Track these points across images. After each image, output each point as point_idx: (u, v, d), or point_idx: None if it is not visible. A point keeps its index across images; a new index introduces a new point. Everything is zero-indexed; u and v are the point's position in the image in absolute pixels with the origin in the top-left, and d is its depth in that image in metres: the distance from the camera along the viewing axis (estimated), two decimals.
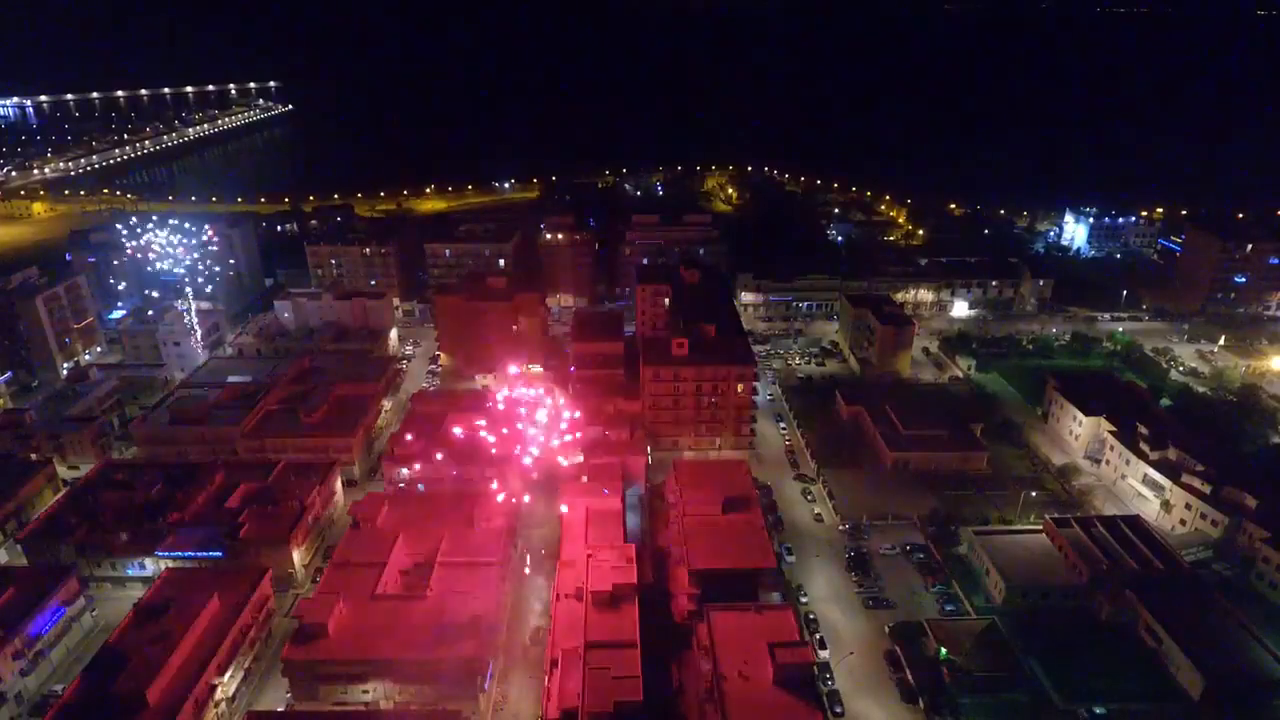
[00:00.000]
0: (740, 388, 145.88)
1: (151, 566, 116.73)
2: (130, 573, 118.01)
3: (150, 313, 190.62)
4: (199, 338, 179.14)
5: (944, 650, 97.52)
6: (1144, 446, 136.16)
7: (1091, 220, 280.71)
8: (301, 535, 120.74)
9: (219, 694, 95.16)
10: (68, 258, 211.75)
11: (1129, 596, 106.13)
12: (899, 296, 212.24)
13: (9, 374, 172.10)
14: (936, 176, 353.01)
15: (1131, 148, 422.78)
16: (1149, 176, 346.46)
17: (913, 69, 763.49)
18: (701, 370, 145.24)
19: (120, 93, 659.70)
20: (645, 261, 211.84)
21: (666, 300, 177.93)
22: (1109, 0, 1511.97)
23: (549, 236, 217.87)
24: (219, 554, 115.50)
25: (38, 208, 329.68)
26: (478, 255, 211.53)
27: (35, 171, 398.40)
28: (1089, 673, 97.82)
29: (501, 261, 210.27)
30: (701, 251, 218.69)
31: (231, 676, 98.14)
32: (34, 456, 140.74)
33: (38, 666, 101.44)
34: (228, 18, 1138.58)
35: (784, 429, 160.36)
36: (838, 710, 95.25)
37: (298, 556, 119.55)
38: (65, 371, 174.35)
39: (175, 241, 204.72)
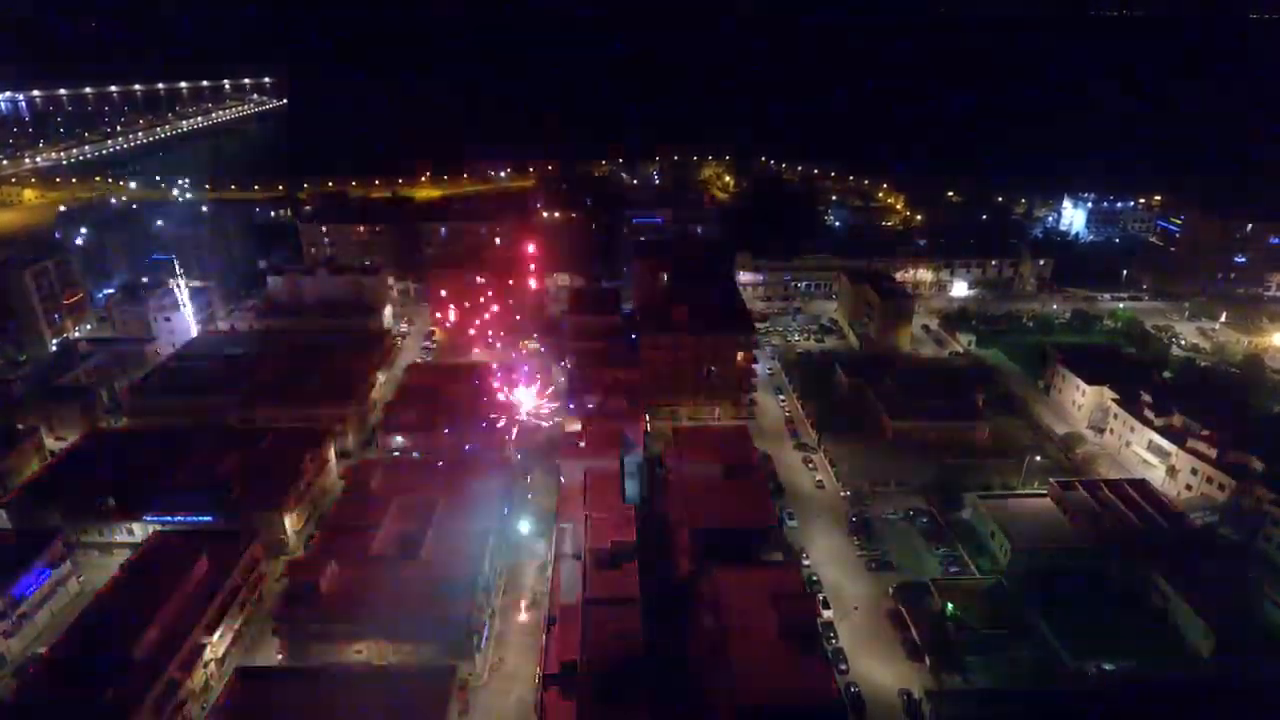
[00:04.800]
0: (740, 356, 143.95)
1: (140, 532, 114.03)
2: (118, 538, 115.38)
3: (142, 285, 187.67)
4: (190, 313, 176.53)
5: (950, 606, 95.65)
6: (1148, 413, 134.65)
7: (1090, 205, 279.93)
8: (294, 501, 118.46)
9: (208, 654, 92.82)
10: (57, 235, 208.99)
11: (1137, 557, 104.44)
12: (898, 276, 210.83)
13: None
14: (934, 164, 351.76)
15: (1130, 140, 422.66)
16: (1147, 166, 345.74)
17: (908, 65, 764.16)
18: (700, 339, 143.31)
19: (114, 88, 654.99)
20: (643, 239, 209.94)
21: (665, 276, 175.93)
22: (1104, 4, 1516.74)
23: (546, 216, 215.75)
24: (209, 518, 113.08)
25: (28, 194, 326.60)
26: (473, 233, 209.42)
27: (27, 160, 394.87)
28: (1097, 632, 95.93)
29: (498, 240, 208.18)
30: (700, 231, 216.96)
31: (221, 637, 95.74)
32: (20, 426, 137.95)
33: (22, 629, 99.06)
34: (224, 11, 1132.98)
35: (783, 401, 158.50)
36: (842, 668, 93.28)
37: (290, 522, 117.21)
38: (54, 346, 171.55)
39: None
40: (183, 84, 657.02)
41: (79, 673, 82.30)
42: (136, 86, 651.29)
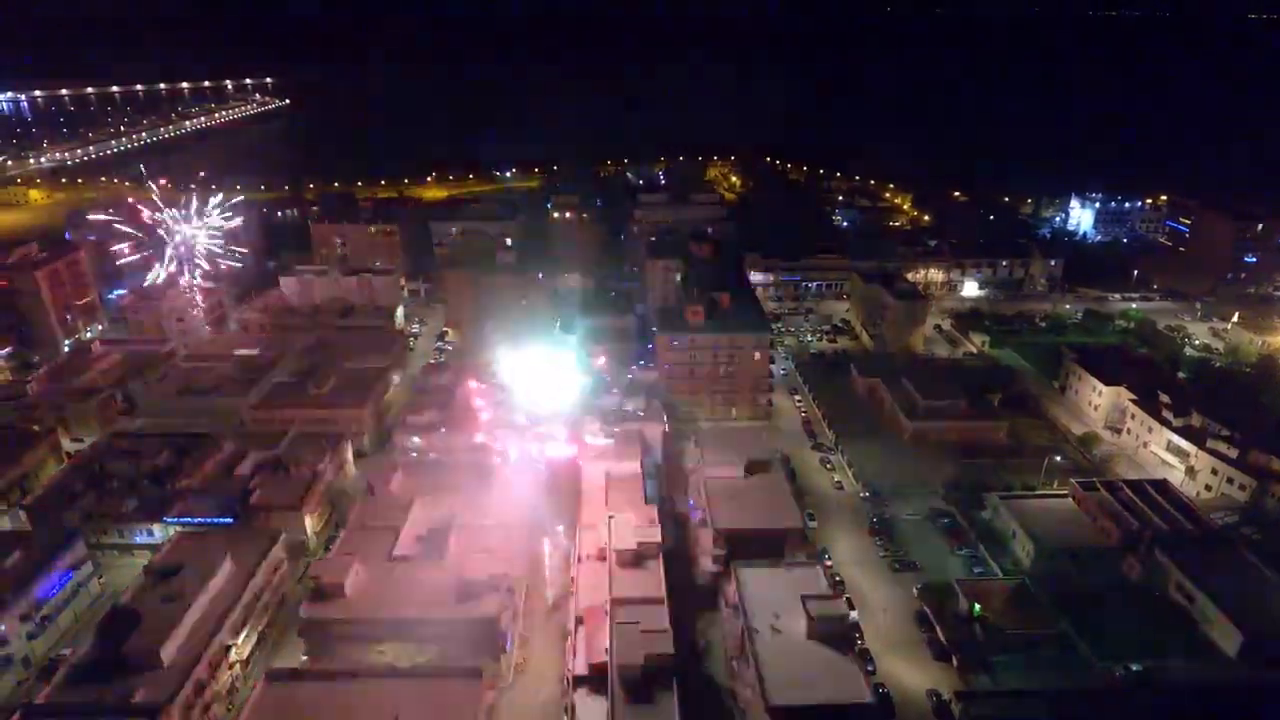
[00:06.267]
0: (757, 356, 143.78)
1: (160, 534, 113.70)
2: (138, 540, 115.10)
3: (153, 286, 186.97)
4: (202, 313, 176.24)
5: (977, 606, 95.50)
6: (1166, 414, 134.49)
7: (1098, 205, 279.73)
8: (314, 502, 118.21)
9: (234, 655, 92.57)
10: (67, 236, 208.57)
11: (1160, 557, 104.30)
12: (909, 276, 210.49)
13: (9, 349, 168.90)
14: (938, 164, 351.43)
15: (1133, 138, 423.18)
16: (1153, 164, 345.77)
17: (908, 64, 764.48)
18: (718, 338, 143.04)
19: (115, 88, 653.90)
20: (654, 238, 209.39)
21: (678, 275, 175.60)
22: (1101, 4, 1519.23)
23: (556, 215, 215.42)
24: (229, 520, 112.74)
25: (34, 194, 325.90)
26: (483, 233, 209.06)
27: (31, 161, 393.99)
28: (1123, 632, 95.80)
29: (509, 240, 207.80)
30: (710, 230, 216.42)
31: (246, 638, 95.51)
32: (35, 428, 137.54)
33: (45, 630, 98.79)
34: (224, 10, 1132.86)
35: (799, 402, 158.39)
36: (869, 670, 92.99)
37: (310, 524, 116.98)
38: (67, 347, 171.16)
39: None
40: (184, 84, 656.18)
41: (107, 674, 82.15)
42: (138, 86, 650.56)
